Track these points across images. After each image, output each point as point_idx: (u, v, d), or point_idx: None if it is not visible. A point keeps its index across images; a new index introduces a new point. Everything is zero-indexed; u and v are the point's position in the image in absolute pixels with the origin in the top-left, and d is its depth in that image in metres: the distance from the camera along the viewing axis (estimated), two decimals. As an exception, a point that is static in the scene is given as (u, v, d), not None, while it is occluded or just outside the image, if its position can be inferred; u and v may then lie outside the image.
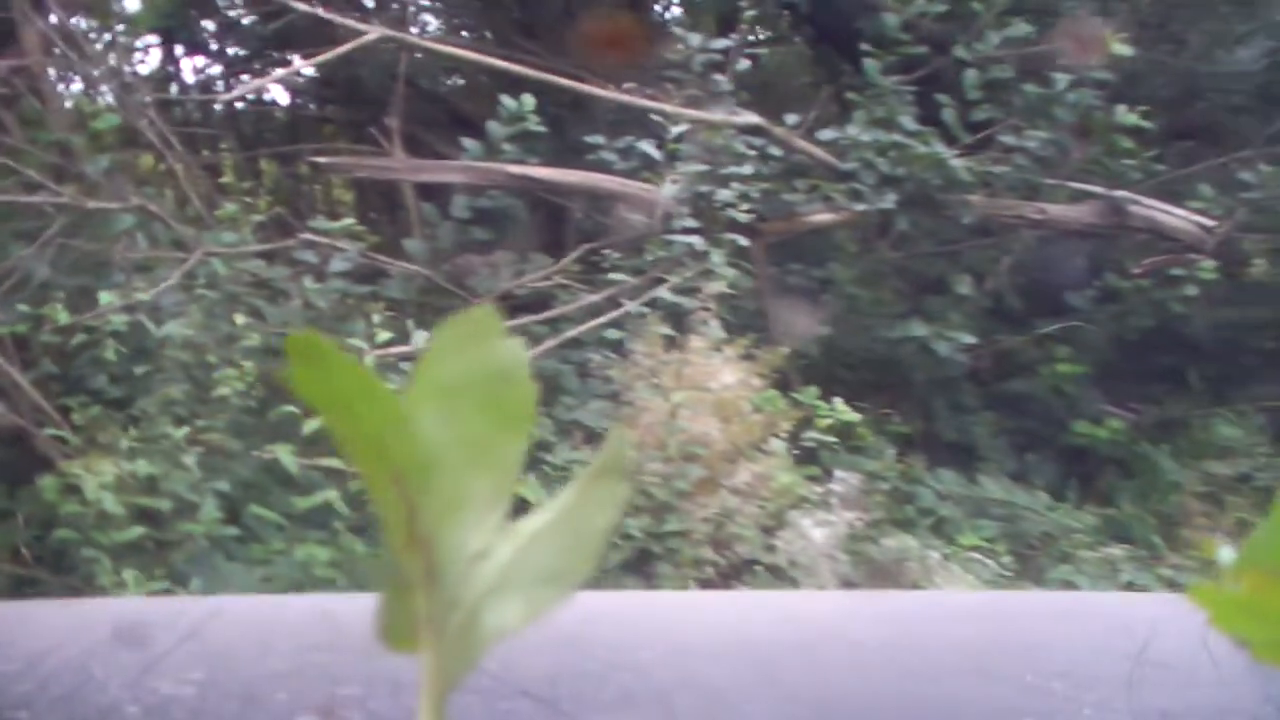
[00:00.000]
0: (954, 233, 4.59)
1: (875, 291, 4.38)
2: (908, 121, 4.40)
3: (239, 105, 5.95)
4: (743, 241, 3.90)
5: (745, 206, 3.92)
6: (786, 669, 1.01)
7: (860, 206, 4.17)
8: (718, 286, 3.70)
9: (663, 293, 3.71)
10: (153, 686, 0.90)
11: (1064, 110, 4.57)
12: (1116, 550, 4.21)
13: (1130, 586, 4.01)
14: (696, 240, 3.80)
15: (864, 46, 4.57)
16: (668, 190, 3.85)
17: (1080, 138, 4.63)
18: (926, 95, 4.66)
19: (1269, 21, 5.00)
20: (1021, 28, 4.55)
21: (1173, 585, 4.06)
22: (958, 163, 4.21)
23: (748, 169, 3.96)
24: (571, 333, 4.03)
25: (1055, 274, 4.75)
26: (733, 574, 3.57)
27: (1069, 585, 3.96)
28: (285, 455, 3.41)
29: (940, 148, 4.22)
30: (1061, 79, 4.55)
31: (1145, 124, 4.57)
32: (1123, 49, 4.54)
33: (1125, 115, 4.60)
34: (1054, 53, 4.72)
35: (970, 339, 4.24)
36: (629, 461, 0.39)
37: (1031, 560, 4.06)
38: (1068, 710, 0.95)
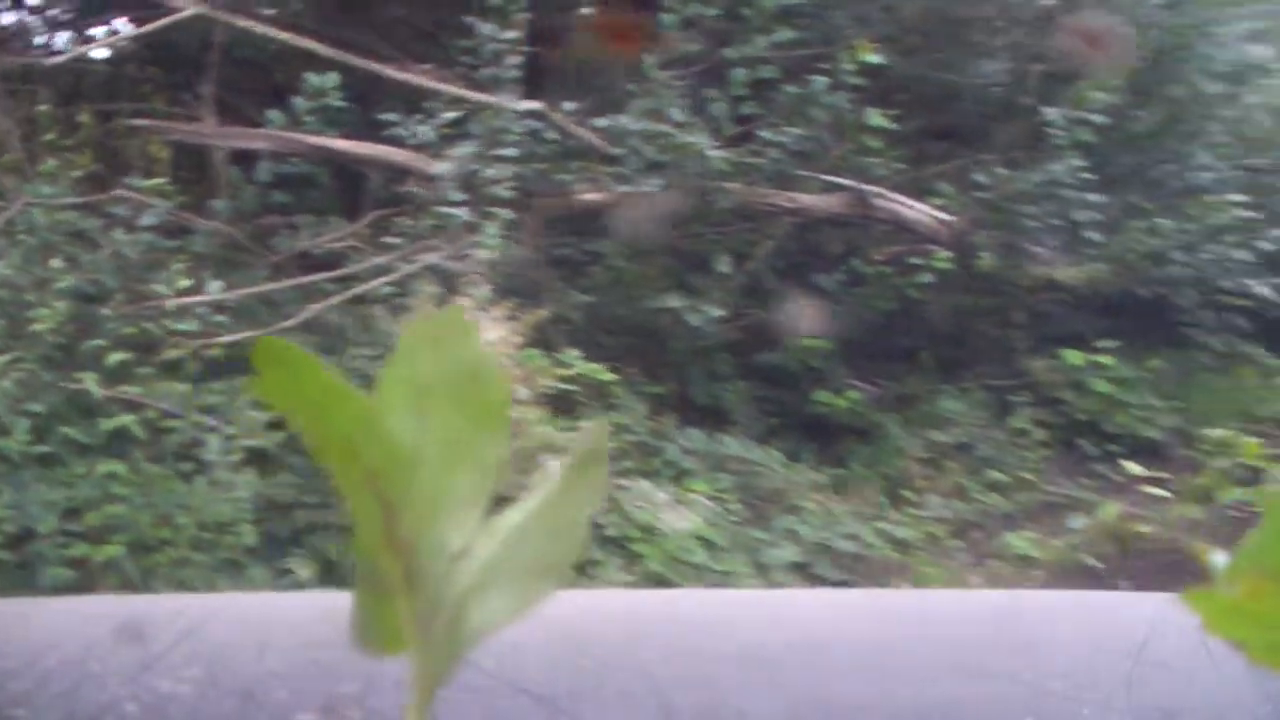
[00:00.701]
0: (719, 217, 5.34)
1: (640, 266, 5.12)
2: (676, 113, 5.14)
3: (58, 60, 6.43)
4: (509, 215, 4.59)
5: (512, 184, 4.62)
6: (786, 668, 1.03)
7: (625, 188, 4.90)
8: (486, 254, 4.39)
9: (436, 258, 4.39)
10: (151, 684, 0.93)
11: (819, 110, 5.35)
12: (840, 506, 5.02)
13: (851, 538, 4.81)
14: (466, 212, 4.48)
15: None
16: (442, 167, 4.54)
17: (834, 135, 5.42)
18: (700, 90, 5.41)
19: (1012, 41, 5.87)
20: (786, 33, 5.32)
21: (889, 538, 4.88)
22: (715, 153, 4.99)
23: (514, 151, 4.65)
24: (358, 290, 4.68)
25: (807, 258, 5.56)
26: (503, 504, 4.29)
27: (791, 534, 4.75)
28: (91, 384, 4.02)
29: (702, 139, 4.97)
30: (819, 81, 5.34)
31: (892, 125, 5.40)
32: (874, 57, 5.35)
33: (874, 117, 5.41)
34: (817, 57, 5.51)
35: (720, 312, 5.03)
36: (607, 452, 0.41)
37: (760, 509, 4.86)
38: (1067, 710, 0.98)
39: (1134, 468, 5.15)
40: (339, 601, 0.84)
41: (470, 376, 0.40)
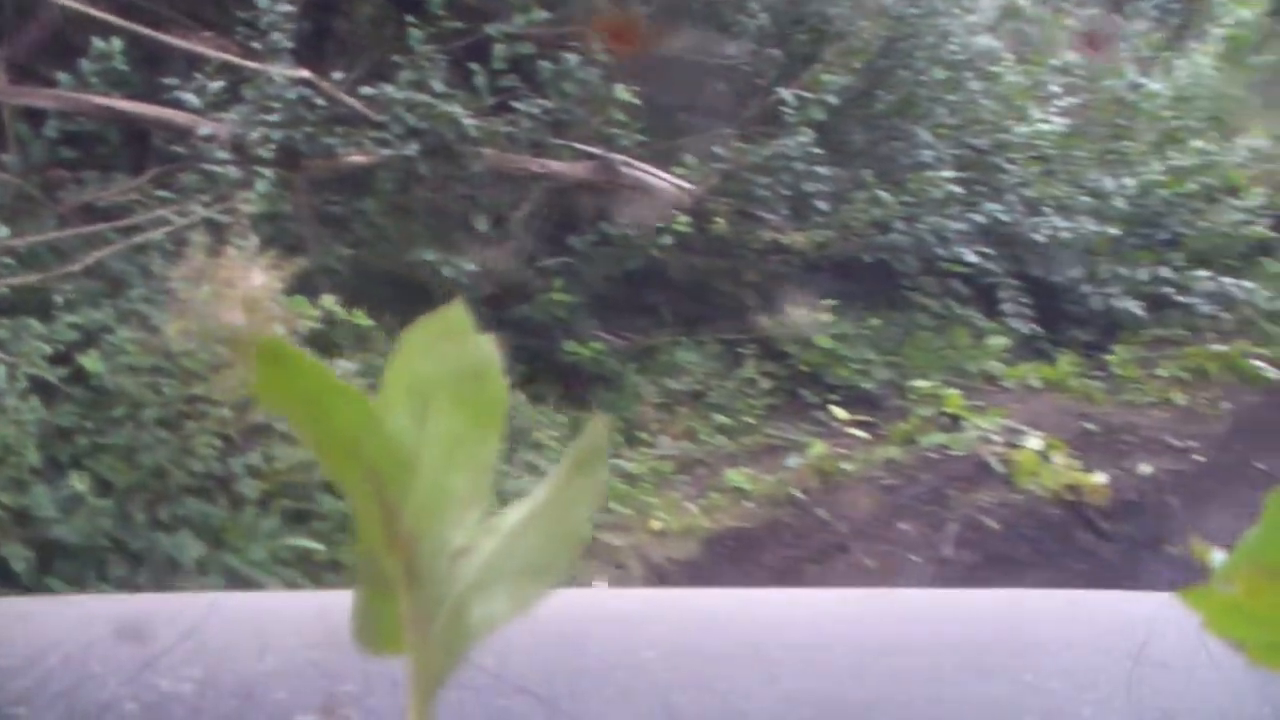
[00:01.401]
0: (476, 180, 6.30)
1: (401, 223, 6.07)
2: (438, 85, 6.08)
3: None
4: (275, 175, 5.48)
5: (279, 146, 5.50)
6: (787, 668, 1.07)
7: (386, 152, 5.83)
8: (253, 208, 5.28)
9: (208, 211, 5.26)
10: (152, 683, 0.97)
11: (571, 85, 6.35)
12: (580, 442, 6.07)
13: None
14: (235, 170, 5.36)
15: (409, 19, 6.21)
16: (211, 129, 5.41)
17: (585, 108, 6.43)
18: (463, 63, 6.36)
19: (756, 24, 6.96)
20: (539, 14, 6.30)
21: (620, 473, 5.89)
22: (470, 122, 5.95)
23: (279, 117, 5.54)
24: (138, 240, 5.52)
25: (561, 219, 6.57)
26: (251, 436, 5.17)
27: (531, 467, 5.74)
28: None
29: (457, 108, 5.92)
30: (572, 58, 6.33)
31: (636, 100, 6.42)
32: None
33: (621, 92, 6.43)
34: (574, 34, 6.51)
35: (473, 266, 5.98)
36: (607, 452, 0.44)
37: (505, 443, 5.86)
38: (1067, 710, 1.02)
39: (841, 413, 6.29)
40: (339, 601, 0.98)
41: (469, 376, 0.44)
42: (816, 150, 6.80)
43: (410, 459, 0.43)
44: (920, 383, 6.69)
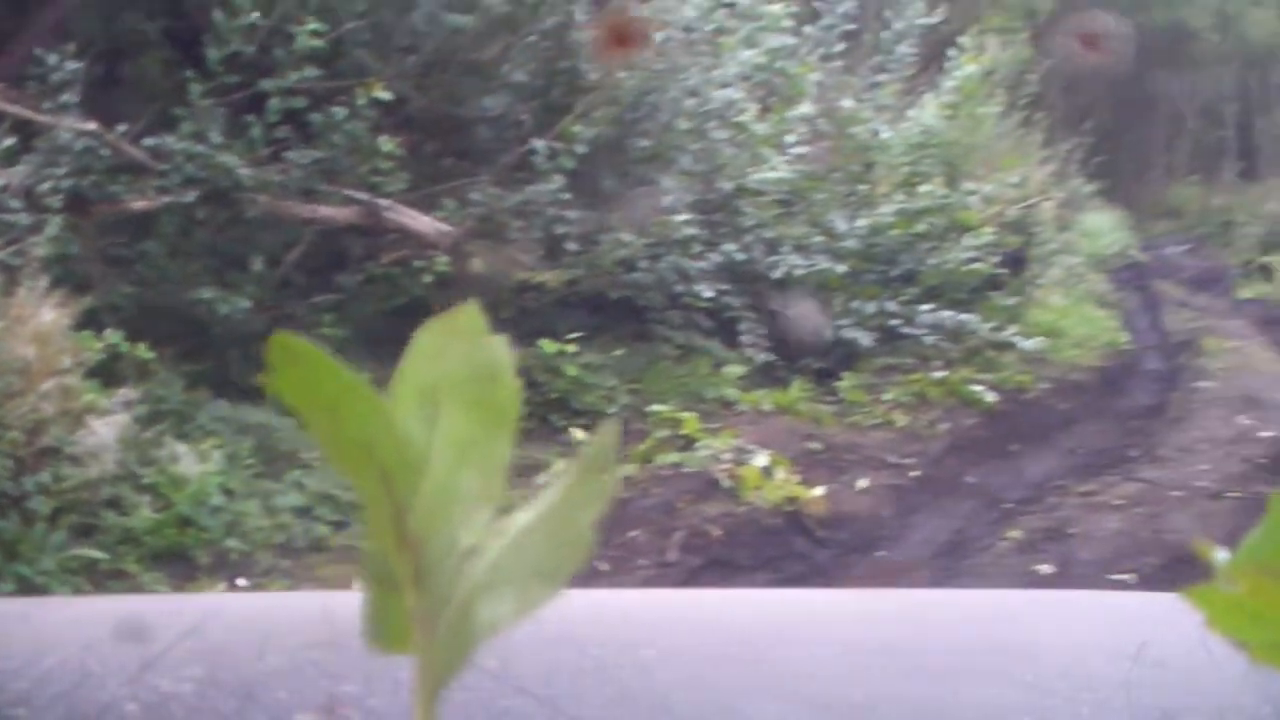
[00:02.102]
0: (252, 224, 7.44)
1: (183, 263, 7.17)
2: (216, 135, 7.20)
3: None
4: (58, 219, 6.54)
5: (63, 194, 6.57)
6: (787, 669, 1.16)
7: (167, 198, 6.94)
8: (43, 251, 6.33)
9: (2, 254, 6.31)
10: (152, 684, 1.05)
11: (339, 136, 7.53)
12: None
13: (348, 489, 7.00)
14: (25, 216, 6.41)
15: (189, 74, 7.32)
16: (2, 180, 6.47)
17: (352, 157, 7.61)
18: (242, 114, 7.49)
19: (509, 81, 8.23)
20: (311, 71, 7.46)
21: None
22: (245, 171, 7.08)
23: (66, 168, 6.62)
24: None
25: (331, 259, 7.73)
26: (41, 458, 6.21)
27: (299, 485, 6.85)
28: None
29: (233, 158, 7.05)
30: (339, 112, 7.50)
31: (398, 151, 7.62)
32: (384, 94, 7.57)
33: (385, 143, 7.63)
34: (343, 90, 7.68)
35: (248, 303, 7.11)
36: (615, 457, 0.47)
37: (275, 465, 6.97)
38: (1067, 710, 1.09)
39: (582, 435, 7.55)
40: (339, 602, 1.13)
41: (481, 377, 0.47)
42: (566, 196, 8.08)
43: (421, 459, 0.45)
44: (659, 407, 7.98)
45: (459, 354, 0.47)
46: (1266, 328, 16.12)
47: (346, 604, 1.11)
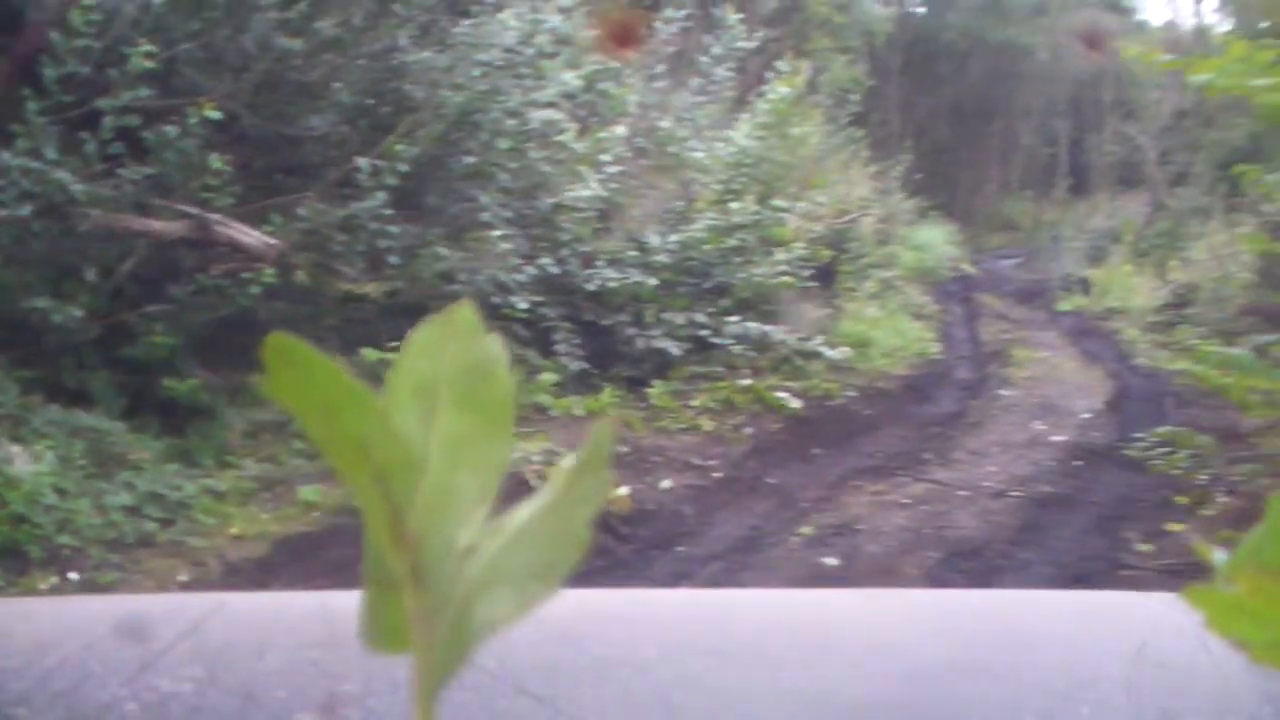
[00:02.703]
0: (89, 237, 7.97)
1: (18, 273, 7.69)
2: (51, 152, 7.73)
3: None
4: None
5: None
6: (787, 668, 1.16)
7: (3, 213, 7.46)
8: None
9: None
10: (152, 683, 1.06)
11: (171, 153, 8.09)
12: (173, 466, 7.76)
13: (176, 489, 7.53)
14: None
15: (26, 92, 7.84)
16: None
17: (184, 173, 8.18)
18: (77, 131, 8.02)
19: (336, 101, 8.86)
20: (144, 90, 8.01)
21: (209, 490, 7.62)
22: (79, 186, 7.62)
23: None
24: None
25: (163, 271, 8.29)
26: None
27: (129, 485, 7.41)
28: None
29: (67, 175, 7.59)
30: (173, 130, 8.07)
31: (226, 168, 8.21)
32: (214, 113, 8.15)
33: (215, 160, 8.21)
34: (176, 109, 8.24)
35: (81, 313, 7.65)
36: (612, 456, 0.48)
37: (107, 467, 7.52)
38: (1066, 710, 1.10)
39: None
40: (339, 601, 1.17)
41: (477, 375, 0.47)
42: (388, 211, 8.73)
43: (417, 458, 0.46)
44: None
45: (454, 352, 0.47)
46: (1078, 339, 17.26)
47: (346, 604, 1.17)
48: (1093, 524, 8.14)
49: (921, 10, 33.48)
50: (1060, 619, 1.39)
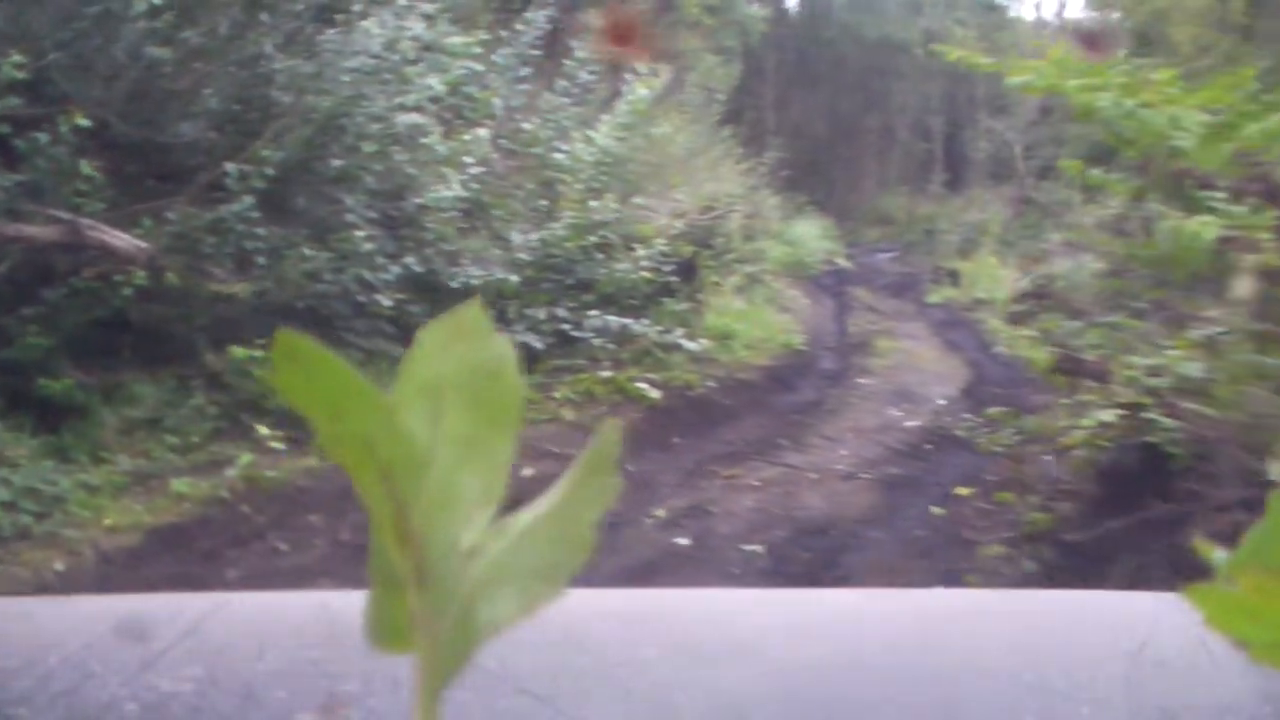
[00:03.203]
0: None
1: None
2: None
3: None
4: None
5: None
6: (787, 668, 1.17)
7: (-124, 221, 7.85)
8: None
9: None
10: (152, 683, 1.07)
11: (43, 159, 8.50)
12: (49, 462, 8.16)
13: (51, 484, 7.94)
14: None
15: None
16: None
17: (56, 179, 8.58)
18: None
19: (205, 108, 9.31)
20: (14, 100, 8.42)
21: (84, 485, 8.03)
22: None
23: None
24: None
25: (37, 275, 8.69)
26: None
27: (5, 481, 7.82)
28: None
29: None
30: (43, 137, 8.48)
31: (96, 174, 8.62)
32: (84, 121, 8.57)
33: (86, 166, 8.63)
34: (46, 116, 8.65)
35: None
36: (618, 458, 0.48)
37: (-15, 462, 7.92)
38: (1066, 709, 1.10)
39: (266, 430, 8.68)
40: (339, 601, 1.20)
41: (486, 375, 0.47)
42: (256, 214, 9.20)
43: (423, 457, 0.46)
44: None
45: (462, 352, 0.47)
46: (942, 329, 18.02)
47: (346, 604, 1.21)
48: (934, 500, 8.75)
49: (797, 9, 34.22)
50: (1060, 619, 1.40)
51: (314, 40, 10.16)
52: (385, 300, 9.91)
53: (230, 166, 9.23)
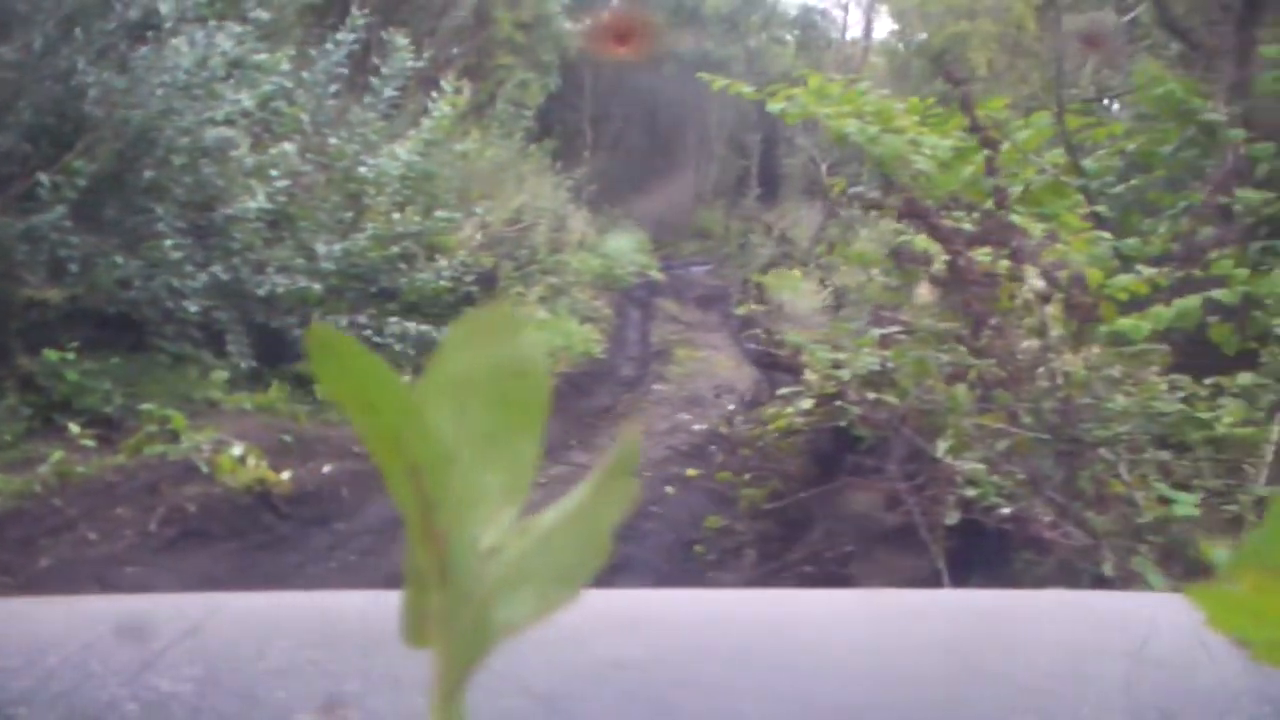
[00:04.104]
0: None
1: None
2: None
3: None
4: None
5: None
6: (786, 669, 1.18)
7: None
8: None
9: None
10: (152, 683, 1.07)
11: None
12: None
13: None
14: None
15: None
16: None
17: None
18: None
19: (18, 120, 9.90)
20: None
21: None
22: None
23: None
24: None
25: None
26: None
27: None
28: None
29: None
30: None
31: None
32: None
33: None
34: None
35: None
36: (638, 460, 0.49)
37: None
38: (1066, 710, 1.10)
39: (75, 429, 9.30)
40: (339, 601, 1.23)
41: (513, 374, 0.48)
42: (69, 223, 9.82)
43: (448, 454, 0.47)
44: (149, 406, 9.78)
45: (489, 350, 0.48)
46: (743, 339, 18.97)
47: (346, 604, 1.26)
48: (709, 498, 9.61)
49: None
50: (1060, 619, 1.40)
51: (127, 56, 10.79)
52: (193, 307, 10.59)
53: (43, 177, 9.83)
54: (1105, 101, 14.21)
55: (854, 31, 40.28)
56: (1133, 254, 6.60)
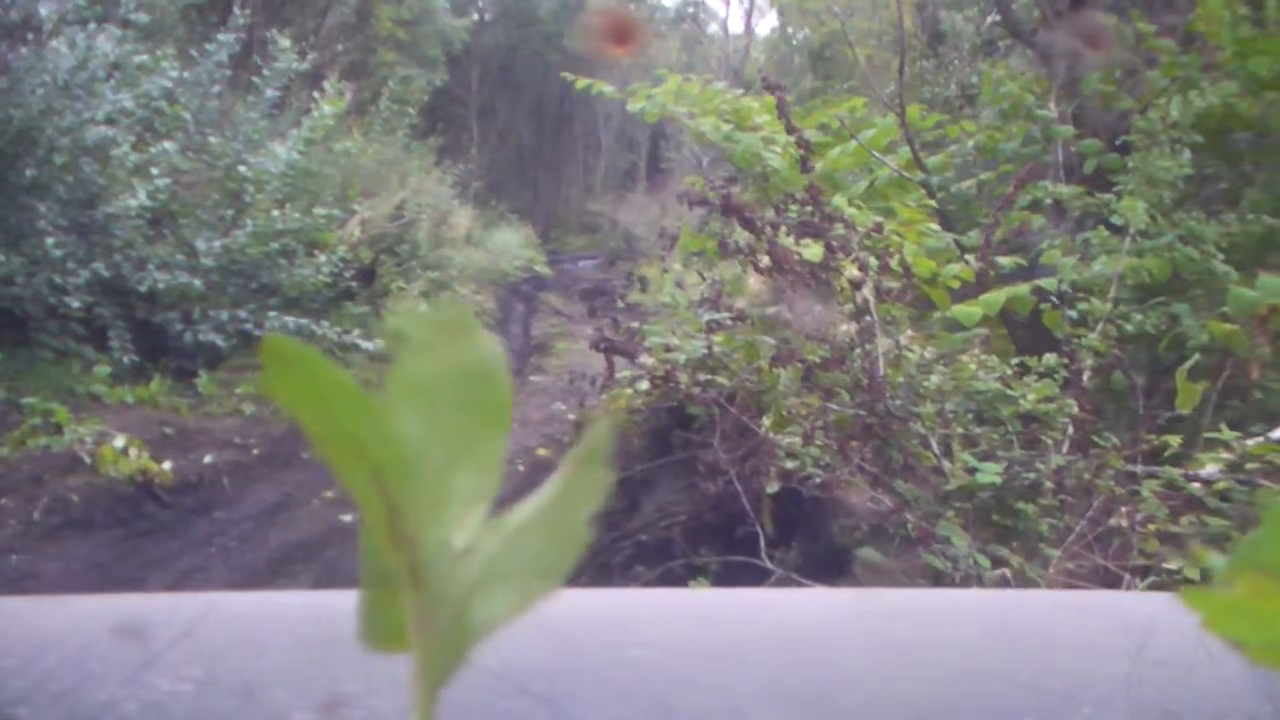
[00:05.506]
0: None
1: None
2: None
3: None
4: None
5: None
6: (785, 669, 1.16)
7: None
8: None
9: None
10: (151, 683, 1.06)
11: None
12: None
13: None
14: None
15: None
16: None
17: None
18: None
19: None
20: None
21: None
22: None
23: None
24: None
25: None
26: None
27: None
28: None
29: None
30: None
31: None
32: None
33: None
34: None
35: None
36: (609, 453, 0.49)
37: None
38: (1067, 710, 1.10)
39: (-37, 420, 9.65)
40: (339, 601, 1.19)
41: (474, 374, 0.48)
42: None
43: (413, 457, 0.47)
44: (32, 400, 10.12)
45: (452, 352, 0.48)
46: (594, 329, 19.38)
47: (346, 604, 0.98)
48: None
49: (500, 20, 35.42)
50: (1060, 619, 1.40)
51: (7, 58, 11.10)
52: (75, 303, 10.94)
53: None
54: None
55: (737, 26, 40.90)
56: (971, 245, 7.18)
